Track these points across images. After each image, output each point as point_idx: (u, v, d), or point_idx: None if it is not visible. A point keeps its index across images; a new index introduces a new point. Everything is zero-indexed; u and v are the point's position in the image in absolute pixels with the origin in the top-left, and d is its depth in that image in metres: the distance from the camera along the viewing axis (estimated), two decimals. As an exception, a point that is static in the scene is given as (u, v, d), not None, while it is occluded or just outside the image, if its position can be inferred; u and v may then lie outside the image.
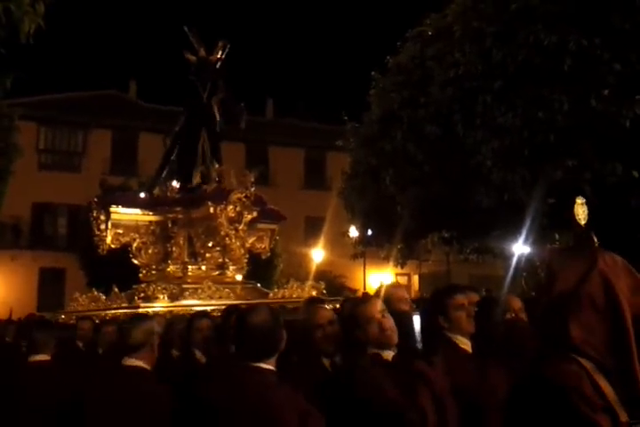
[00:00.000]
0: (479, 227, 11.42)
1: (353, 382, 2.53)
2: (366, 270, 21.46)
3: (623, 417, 1.50)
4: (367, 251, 16.41)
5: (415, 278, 28.84)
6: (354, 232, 16.11)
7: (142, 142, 26.75)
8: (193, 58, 9.98)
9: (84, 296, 8.94)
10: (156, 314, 6.48)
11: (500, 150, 9.32)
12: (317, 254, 20.80)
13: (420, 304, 4.43)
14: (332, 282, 19.31)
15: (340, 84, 54.79)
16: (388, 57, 12.26)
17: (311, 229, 24.76)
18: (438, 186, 10.65)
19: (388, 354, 2.68)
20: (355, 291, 21.13)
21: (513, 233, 11.22)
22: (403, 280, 28.78)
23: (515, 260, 12.38)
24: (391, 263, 14.27)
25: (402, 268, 14.70)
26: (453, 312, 2.98)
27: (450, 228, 13.00)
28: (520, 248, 12.56)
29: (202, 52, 9.96)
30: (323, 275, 17.30)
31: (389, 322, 2.70)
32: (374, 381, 2.50)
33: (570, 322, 1.61)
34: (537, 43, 8.81)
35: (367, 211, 13.09)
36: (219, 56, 10.08)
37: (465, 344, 2.95)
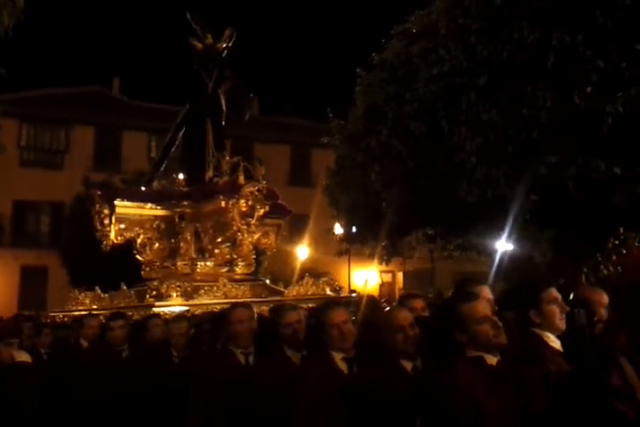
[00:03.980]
0: (463, 223, 11.45)
1: (447, 388, 2.37)
2: (351, 268, 21.44)
3: None
4: (352, 248, 16.37)
5: (399, 276, 28.92)
6: (339, 229, 16.07)
7: (126, 139, 26.52)
8: (199, 45, 9.48)
9: (82, 295, 8.49)
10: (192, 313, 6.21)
11: (484, 147, 9.34)
12: (302, 252, 20.73)
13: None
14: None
15: (325, 81, 54.81)
16: (374, 54, 12.25)
17: (296, 227, 24.69)
18: (423, 182, 10.66)
19: (493, 359, 2.48)
20: (340, 288, 21.03)
21: (496, 229, 11.27)
22: (387, 278, 28.83)
23: (498, 256, 12.44)
24: (376, 260, 14.26)
25: (386, 265, 14.72)
26: (547, 306, 2.80)
27: (434, 224, 13.03)
28: (503, 245, 12.62)
29: (209, 40, 9.50)
30: (307, 272, 17.18)
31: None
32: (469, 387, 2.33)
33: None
34: (521, 39, 8.85)
35: (352, 207, 13.07)
36: (226, 44, 9.65)
37: (554, 342, 2.78)
